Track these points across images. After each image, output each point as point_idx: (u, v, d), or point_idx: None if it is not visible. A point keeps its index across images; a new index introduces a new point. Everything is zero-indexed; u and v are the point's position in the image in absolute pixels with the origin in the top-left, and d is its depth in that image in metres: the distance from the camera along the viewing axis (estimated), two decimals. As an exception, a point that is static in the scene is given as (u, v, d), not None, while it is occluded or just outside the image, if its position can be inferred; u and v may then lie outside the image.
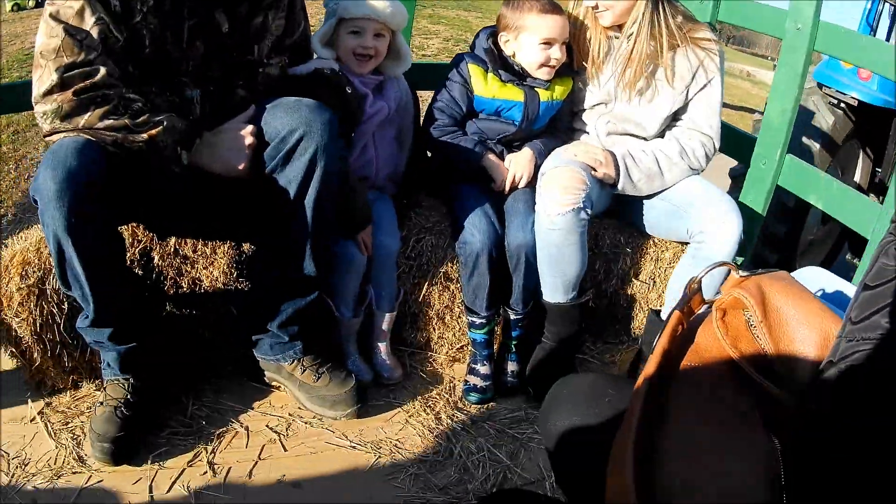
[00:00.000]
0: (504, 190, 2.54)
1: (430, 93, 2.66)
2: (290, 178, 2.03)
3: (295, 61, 2.33)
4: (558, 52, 2.46)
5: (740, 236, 2.38)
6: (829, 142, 4.22)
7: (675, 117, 2.65)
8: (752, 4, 3.18)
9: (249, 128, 2.02)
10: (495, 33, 2.55)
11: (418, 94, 2.72)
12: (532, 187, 2.49)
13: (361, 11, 2.34)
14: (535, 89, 2.54)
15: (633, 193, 2.57)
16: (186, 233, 2.30)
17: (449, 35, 12.00)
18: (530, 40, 2.45)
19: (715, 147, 2.63)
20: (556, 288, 2.45)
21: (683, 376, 1.17)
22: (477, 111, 2.58)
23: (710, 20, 3.22)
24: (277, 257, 2.18)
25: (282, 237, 2.13)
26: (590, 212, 2.36)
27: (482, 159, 2.52)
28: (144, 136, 1.87)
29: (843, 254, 4.88)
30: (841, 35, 2.81)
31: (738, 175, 4.26)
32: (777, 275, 1.27)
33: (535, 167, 2.54)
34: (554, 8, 2.45)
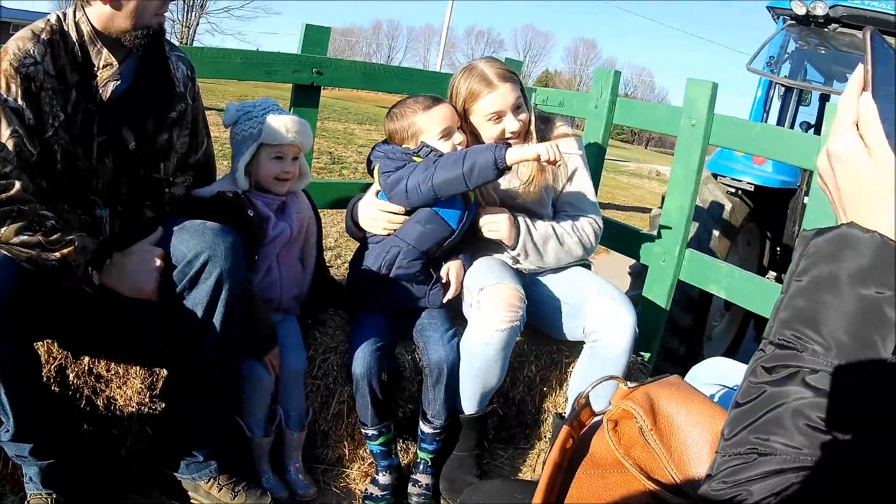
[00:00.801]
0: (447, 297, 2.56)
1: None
2: (196, 300, 2.03)
3: (198, 180, 2.35)
4: (459, 137, 2.50)
5: (634, 332, 2.41)
6: (728, 227, 4.35)
7: (556, 209, 2.73)
8: (646, 105, 3.34)
9: (157, 251, 2.02)
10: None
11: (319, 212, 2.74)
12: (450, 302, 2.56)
13: (287, 139, 2.39)
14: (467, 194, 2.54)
15: (528, 265, 2.62)
16: (99, 351, 2.27)
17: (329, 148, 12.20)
18: (429, 139, 2.48)
19: (599, 225, 2.69)
20: (474, 399, 2.47)
21: (580, 487, 1.19)
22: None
23: (606, 124, 3.35)
24: (187, 379, 2.15)
25: (190, 359, 2.11)
26: (522, 329, 2.40)
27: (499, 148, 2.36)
28: (57, 254, 1.86)
29: (750, 336, 5.01)
30: (735, 126, 2.95)
31: (638, 272, 4.37)
32: (667, 381, 1.30)
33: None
34: (434, 100, 2.50)
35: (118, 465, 2.31)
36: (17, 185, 1.85)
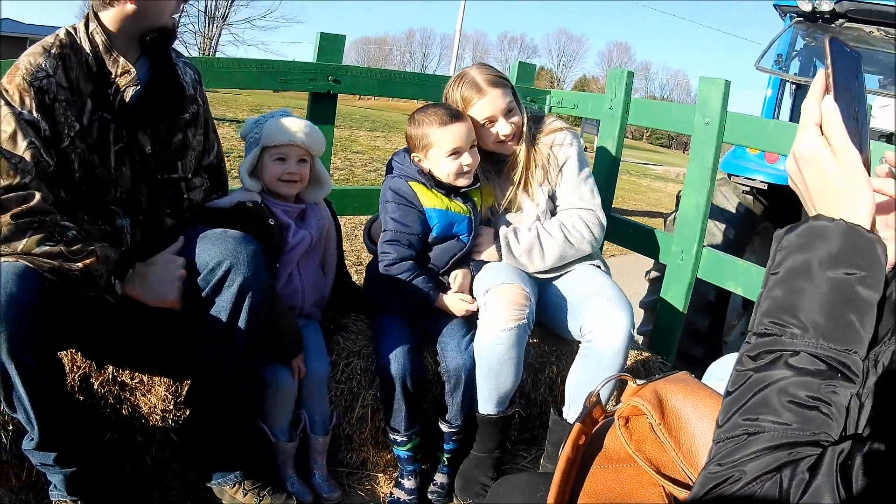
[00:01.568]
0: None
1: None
2: (220, 308, 2.06)
3: (212, 185, 2.40)
4: (469, 158, 2.51)
5: (629, 335, 2.41)
6: (744, 227, 4.35)
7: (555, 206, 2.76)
8: (660, 104, 3.35)
9: (180, 260, 2.06)
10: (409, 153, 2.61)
11: (339, 219, 2.78)
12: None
13: (285, 138, 2.42)
14: (472, 199, 2.62)
15: (529, 271, 2.65)
16: (123, 360, 2.30)
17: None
18: (439, 154, 2.50)
19: (598, 218, 2.70)
20: (490, 400, 2.49)
21: (594, 481, 1.23)
22: (430, 226, 2.57)
23: (621, 125, 3.37)
24: (211, 386, 2.19)
25: (214, 366, 2.14)
26: (532, 327, 2.43)
27: (437, 302, 2.56)
28: (80, 265, 1.88)
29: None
30: (748, 124, 2.96)
31: (655, 277, 4.38)
32: (675, 377, 1.34)
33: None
34: (454, 117, 2.51)
35: (143, 472, 2.34)
36: (38, 195, 1.87)
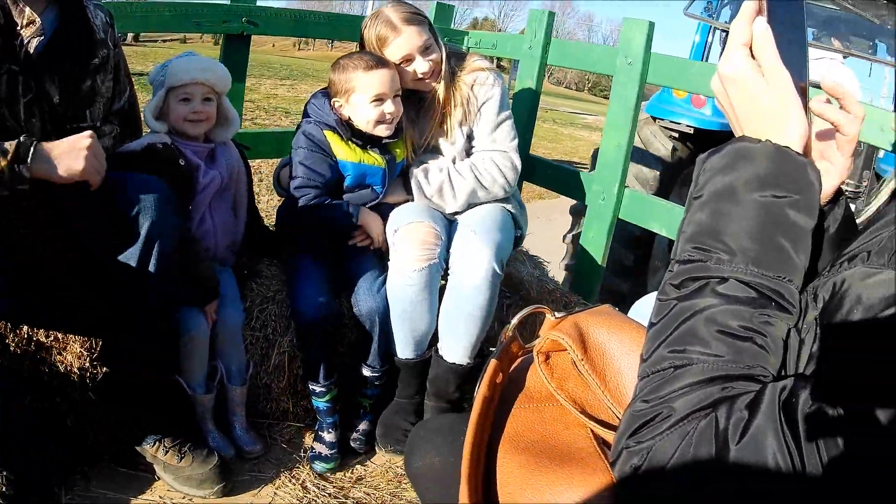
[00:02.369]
0: (371, 245, 2.55)
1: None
2: (129, 255, 2.00)
3: (124, 131, 2.32)
4: (391, 107, 2.45)
5: (491, 269, 2.34)
6: (668, 170, 4.38)
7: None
8: (580, 44, 3.31)
9: (87, 132, 1.93)
10: (329, 96, 2.53)
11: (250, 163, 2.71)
12: (375, 252, 2.56)
13: (189, 77, 2.35)
14: (391, 151, 2.56)
15: (444, 211, 2.61)
16: (36, 318, 2.20)
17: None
18: (361, 99, 2.44)
19: (512, 161, 2.65)
20: (407, 343, 2.47)
21: (515, 422, 1.17)
22: (343, 175, 2.52)
23: (540, 66, 3.32)
24: (124, 336, 2.13)
25: (127, 315, 2.09)
26: (444, 267, 2.39)
27: (359, 218, 2.51)
28: None
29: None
30: (672, 64, 2.92)
31: (578, 211, 4.38)
32: (597, 310, 1.28)
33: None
34: (378, 63, 2.44)
35: (66, 437, 2.26)
36: None
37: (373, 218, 2.53)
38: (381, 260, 2.54)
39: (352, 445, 2.54)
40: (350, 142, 2.48)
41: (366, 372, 2.51)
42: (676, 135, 4.43)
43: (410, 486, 2.29)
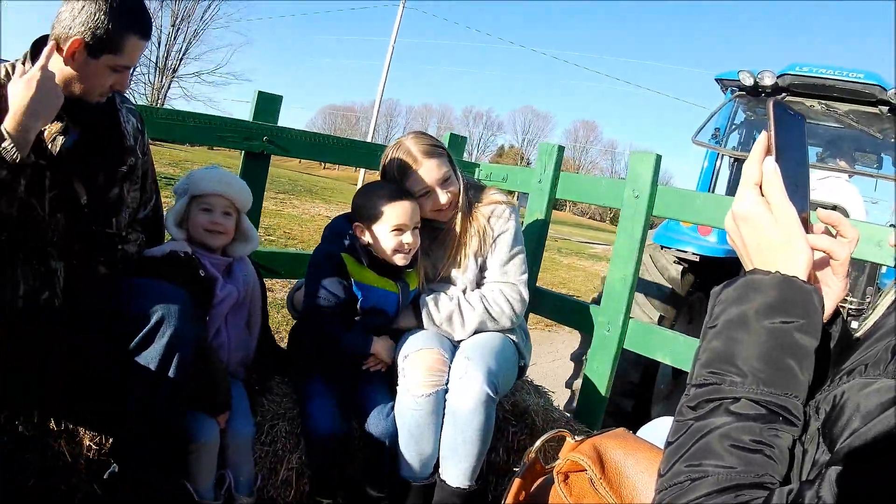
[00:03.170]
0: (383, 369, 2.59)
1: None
2: (149, 358, 2.03)
3: (149, 238, 2.38)
4: (410, 238, 2.52)
5: (485, 393, 2.36)
6: (674, 298, 4.43)
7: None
8: (589, 178, 3.39)
9: (34, 69, 1.86)
10: (351, 221, 2.60)
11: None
12: (385, 375, 2.59)
13: (211, 188, 2.44)
14: (405, 279, 2.63)
15: (446, 336, 2.64)
16: (50, 408, 2.20)
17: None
18: (382, 227, 2.50)
19: (520, 293, 2.71)
20: (412, 465, 2.47)
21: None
22: (357, 298, 2.57)
23: (549, 199, 3.42)
24: (137, 437, 2.12)
25: (141, 417, 2.09)
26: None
27: (372, 347, 2.56)
28: None
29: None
30: (678, 197, 3.01)
31: (579, 356, 4.43)
32: (613, 433, 1.34)
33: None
34: (402, 194, 2.53)
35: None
36: None
37: (384, 346, 2.58)
38: (392, 384, 2.56)
39: None
40: (367, 267, 2.54)
41: (372, 492, 2.50)
42: (681, 262, 4.50)
43: None
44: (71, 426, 2.24)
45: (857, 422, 0.89)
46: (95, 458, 2.25)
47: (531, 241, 3.48)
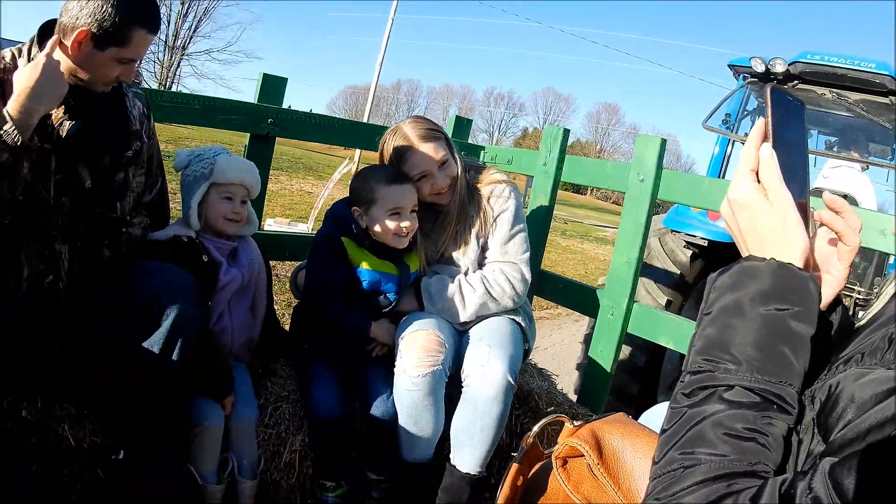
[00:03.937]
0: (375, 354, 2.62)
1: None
2: (153, 341, 2.04)
3: (153, 221, 2.38)
4: (407, 221, 2.53)
5: (507, 382, 2.38)
6: (682, 282, 4.42)
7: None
8: (594, 161, 3.37)
9: (41, 55, 1.88)
10: (351, 205, 2.61)
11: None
12: (387, 358, 2.60)
13: (237, 177, 2.46)
14: (406, 262, 2.64)
15: (453, 321, 2.66)
16: (53, 392, 2.21)
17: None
18: (380, 211, 2.51)
19: (522, 273, 2.70)
20: (412, 447, 2.49)
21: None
22: (360, 280, 2.59)
23: (554, 182, 3.41)
24: (140, 420, 2.14)
25: (145, 399, 2.11)
26: (449, 372, 2.44)
27: (371, 330, 2.58)
28: None
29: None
30: (683, 181, 3.01)
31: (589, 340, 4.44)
32: (612, 418, 1.34)
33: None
34: (399, 177, 2.54)
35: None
36: None
37: (384, 329, 2.60)
38: (393, 365, 2.57)
39: None
40: (366, 250, 2.55)
41: (372, 475, 2.52)
42: (690, 246, 4.49)
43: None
44: (74, 411, 2.24)
45: (851, 413, 0.89)
46: (99, 443, 2.25)
47: (537, 223, 3.48)
